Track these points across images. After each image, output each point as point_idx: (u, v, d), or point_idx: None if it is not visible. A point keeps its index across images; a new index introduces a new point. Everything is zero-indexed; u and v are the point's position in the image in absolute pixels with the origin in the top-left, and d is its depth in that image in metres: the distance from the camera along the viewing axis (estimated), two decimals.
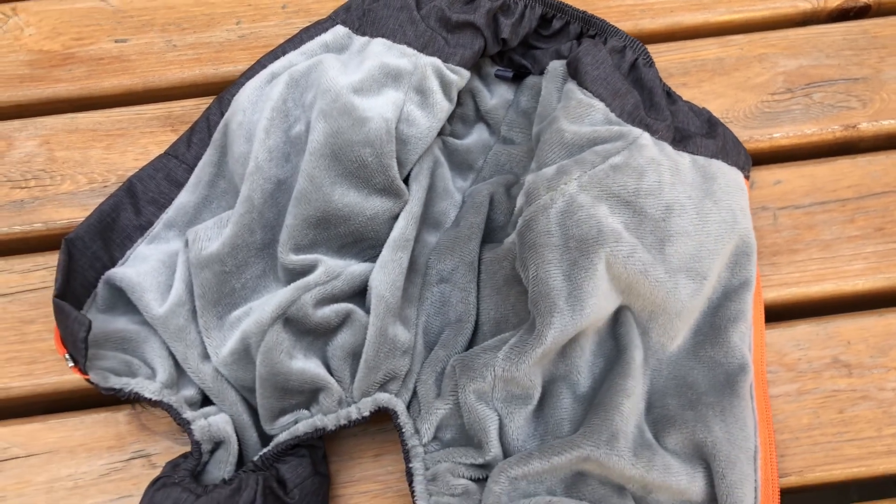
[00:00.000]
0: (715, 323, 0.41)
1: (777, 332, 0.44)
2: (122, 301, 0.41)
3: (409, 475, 0.38)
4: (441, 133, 0.46)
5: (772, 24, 0.52)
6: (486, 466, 0.38)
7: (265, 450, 0.38)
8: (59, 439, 0.42)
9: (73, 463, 0.41)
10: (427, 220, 0.44)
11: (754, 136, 0.49)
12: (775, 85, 0.50)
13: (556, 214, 0.39)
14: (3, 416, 0.43)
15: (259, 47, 0.51)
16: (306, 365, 0.38)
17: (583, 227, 0.39)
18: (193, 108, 0.50)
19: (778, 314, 0.45)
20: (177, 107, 0.50)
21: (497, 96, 0.48)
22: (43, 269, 0.46)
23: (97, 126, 0.49)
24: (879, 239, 0.46)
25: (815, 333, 0.44)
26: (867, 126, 0.49)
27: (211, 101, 0.49)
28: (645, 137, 0.42)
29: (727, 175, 0.43)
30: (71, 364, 0.38)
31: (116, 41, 0.52)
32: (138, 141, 0.49)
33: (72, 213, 0.47)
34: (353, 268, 0.40)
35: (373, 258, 0.41)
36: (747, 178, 0.45)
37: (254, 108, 0.43)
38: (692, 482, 0.37)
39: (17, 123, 0.49)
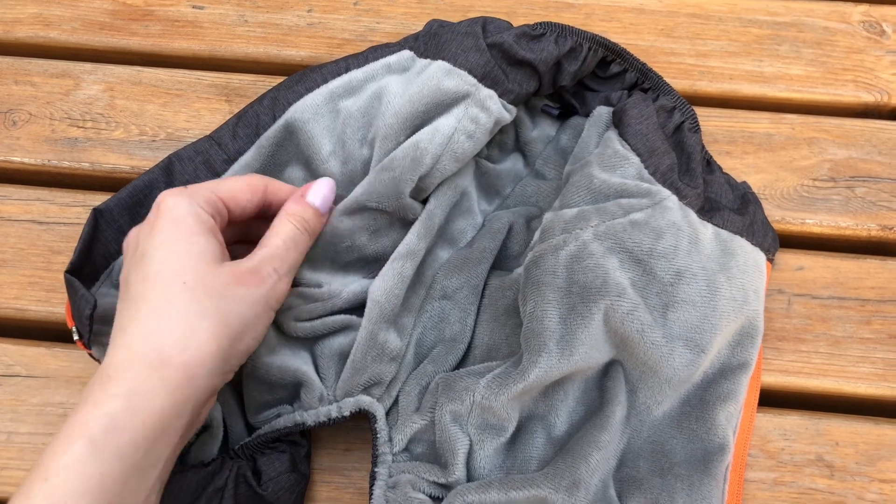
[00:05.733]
0: (705, 398, 0.41)
1: (766, 417, 0.44)
2: None
3: (372, 478, 0.39)
4: (476, 154, 0.47)
5: (829, 110, 0.52)
6: (447, 487, 0.39)
7: (246, 440, 0.39)
8: (59, 368, 0.44)
9: (67, 392, 0.44)
10: (444, 235, 0.45)
11: (786, 218, 0.48)
12: (820, 171, 0.49)
13: (566, 257, 0.39)
14: (14, 335, 0.45)
15: (324, 37, 0.53)
16: (289, 360, 0.39)
17: (588, 275, 0.39)
18: (250, 83, 0.51)
19: (770, 399, 0.44)
20: (235, 79, 0.52)
21: (539, 129, 0.48)
22: (80, 206, 0.48)
23: (159, 83, 0.52)
24: (892, 346, 0.45)
25: (805, 427, 0.43)
26: None
27: (266, 79, 0.51)
28: (672, 200, 0.42)
29: (748, 254, 0.43)
30: (76, 337, 0.38)
31: (194, 7, 0.54)
32: (193, 104, 0.51)
33: (117, 159, 0.49)
34: (352, 286, 0.41)
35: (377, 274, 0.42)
36: (771, 260, 0.45)
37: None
38: None
39: (88, 66, 0.52)
